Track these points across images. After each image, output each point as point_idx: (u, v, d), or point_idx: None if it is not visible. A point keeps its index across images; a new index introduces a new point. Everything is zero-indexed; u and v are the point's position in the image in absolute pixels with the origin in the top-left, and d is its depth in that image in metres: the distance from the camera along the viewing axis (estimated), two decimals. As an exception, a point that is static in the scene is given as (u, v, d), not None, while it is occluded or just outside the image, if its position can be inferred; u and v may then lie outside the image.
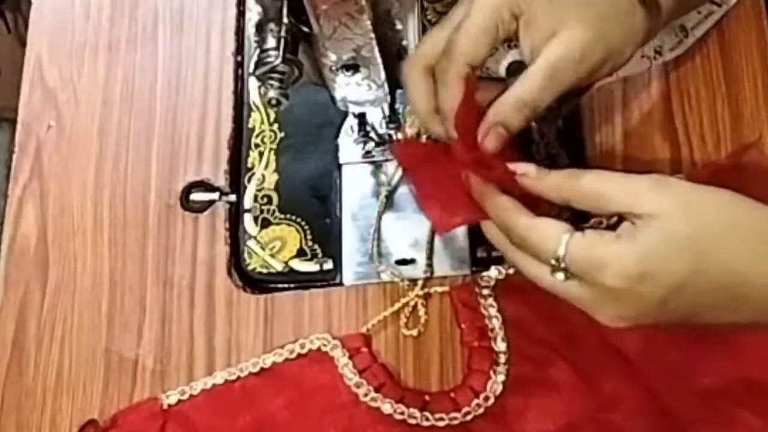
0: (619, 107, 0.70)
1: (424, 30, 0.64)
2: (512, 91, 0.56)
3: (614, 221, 0.53)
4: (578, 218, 0.55)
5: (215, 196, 0.72)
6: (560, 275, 0.52)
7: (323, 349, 0.66)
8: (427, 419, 0.63)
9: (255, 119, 0.75)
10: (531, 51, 0.56)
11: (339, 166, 0.72)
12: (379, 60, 0.57)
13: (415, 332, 0.67)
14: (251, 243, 0.71)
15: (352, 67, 0.58)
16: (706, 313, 0.51)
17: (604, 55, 0.55)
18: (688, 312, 0.51)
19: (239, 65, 0.77)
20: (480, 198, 0.56)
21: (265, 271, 0.71)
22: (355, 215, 0.71)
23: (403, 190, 0.71)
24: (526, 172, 0.55)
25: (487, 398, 0.63)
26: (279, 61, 0.52)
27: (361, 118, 0.70)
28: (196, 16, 0.78)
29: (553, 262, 0.51)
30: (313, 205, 0.72)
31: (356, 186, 0.72)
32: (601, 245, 0.50)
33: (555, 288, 0.53)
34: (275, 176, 0.73)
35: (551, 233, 0.52)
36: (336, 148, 0.72)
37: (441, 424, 0.63)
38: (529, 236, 0.53)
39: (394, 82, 0.61)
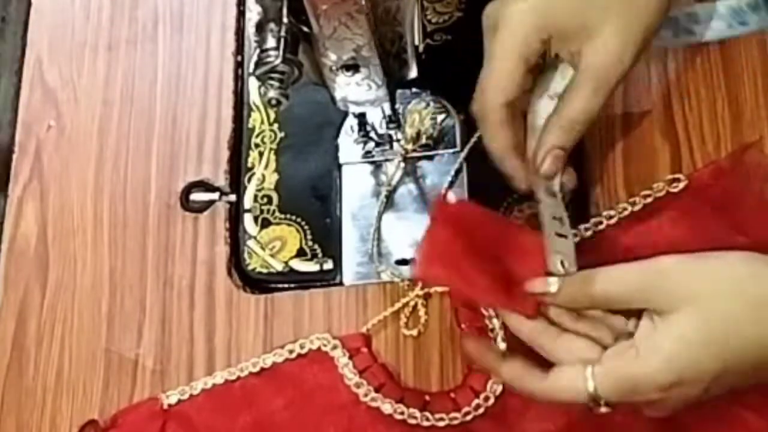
0: (619, 107, 0.70)
1: (424, 30, 0.64)
2: (563, 112, 0.57)
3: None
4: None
5: (215, 196, 0.72)
6: (604, 409, 0.52)
7: (323, 349, 0.66)
8: (427, 419, 0.63)
9: (255, 119, 0.75)
10: (572, 57, 0.57)
11: (339, 166, 0.72)
12: (379, 60, 0.57)
13: (415, 332, 0.67)
14: (251, 243, 0.71)
15: (352, 67, 0.58)
16: (753, 381, 0.52)
17: (639, 45, 0.56)
18: (734, 386, 0.52)
19: (239, 65, 0.77)
20: (487, 367, 0.57)
21: (265, 271, 0.71)
22: (355, 215, 0.71)
23: (403, 190, 0.71)
24: (542, 289, 0.55)
25: (487, 398, 0.63)
26: (279, 61, 0.53)
27: (361, 118, 0.70)
28: (196, 16, 0.78)
29: (590, 403, 0.52)
30: (313, 205, 0.72)
31: (356, 186, 0.71)
32: (625, 369, 0.51)
33: None
34: (275, 176, 0.73)
35: (573, 378, 0.52)
36: (336, 148, 0.72)
37: (441, 424, 0.63)
38: (554, 394, 0.53)
39: (394, 82, 0.61)
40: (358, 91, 0.61)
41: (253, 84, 0.75)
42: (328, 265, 0.70)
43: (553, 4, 0.56)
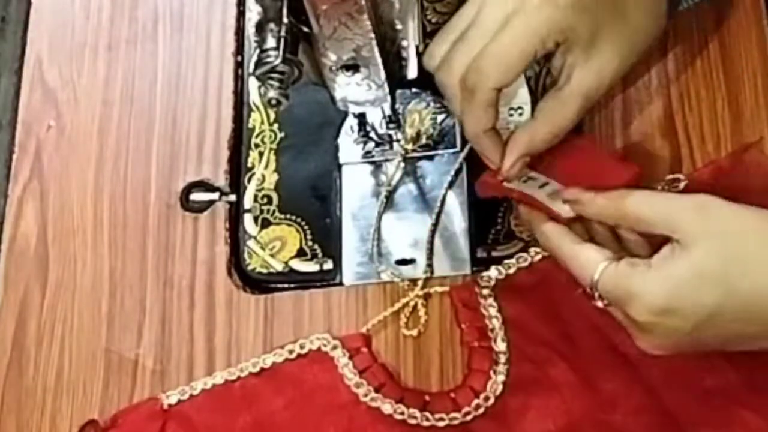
0: (619, 107, 0.70)
1: (424, 30, 0.64)
2: (545, 127, 0.57)
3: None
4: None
5: (215, 196, 0.72)
6: (599, 303, 0.54)
7: (323, 349, 0.66)
8: (427, 419, 0.63)
9: (255, 119, 0.75)
10: (564, 68, 0.57)
11: (339, 166, 0.72)
12: (379, 60, 0.57)
13: (415, 332, 0.67)
14: (251, 243, 0.71)
15: (352, 67, 0.58)
16: (738, 340, 0.52)
17: (628, 71, 0.58)
18: (720, 340, 0.52)
19: (239, 65, 0.77)
20: (529, 225, 0.59)
21: (265, 271, 0.71)
22: (355, 215, 0.71)
23: (403, 190, 0.71)
24: (576, 199, 0.56)
25: (487, 398, 0.63)
26: (279, 61, 0.53)
27: (361, 118, 0.70)
28: (196, 16, 0.78)
29: (589, 289, 0.53)
30: (313, 205, 0.72)
31: (356, 186, 0.71)
32: (630, 278, 0.51)
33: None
34: (275, 176, 0.73)
35: (591, 260, 0.54)
36: (336, 148, 0.72)
37: (441, 424, 0.63)
38: (570, 264, 0.55)
39: (394, 82, 0.61)
40: (358, 91, 0.61)
41: (253, 84, 0.75)
42: (328, 265, 0.70)
43: (578, 14, 0.55)
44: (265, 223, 0.72)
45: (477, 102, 0.57)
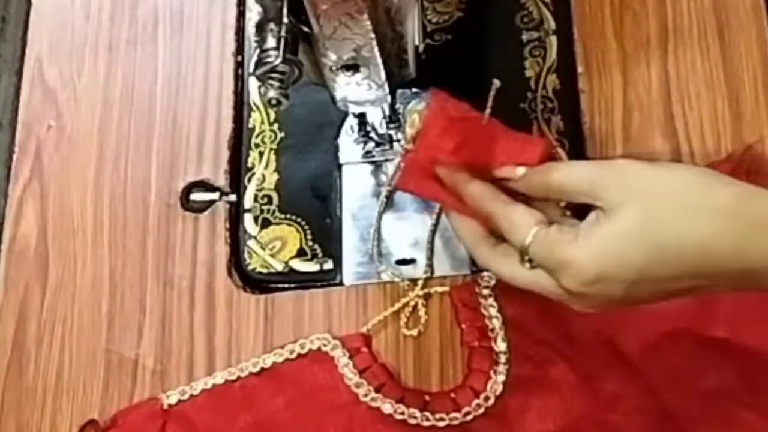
0: (619, 107, 0.70)
1: (424, 30, 0.64)
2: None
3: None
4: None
5: (215, 196, 0.72)
6: (527, 264, 0.54)
7: (323, 349, 0.66)
8: (428, 419, 0.63)
9: (255, 119, 0.75)
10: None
11: (339, 166, 0.72)
12: (379, 60, 0.57)
13: (415, 332, 0.67)
14: (251, 243, 0.71)
15: (352, 67, 0.58)
16: (674, 293, 0.51)
17: None
18: (654, 296, 0.52)
19: (239, 65, 0.77)
20: (454, 186, 0.57)
21: (265, 271, 0.71)
22: (355, 215, 0.71)
23: (403, 190, 0.71)
24: (508, 175, 0.56)
25: (487, 398, 0.63)
26: (279, 61, 0.52)
27: (361, 118, 0.70)
28: (196, 16, 0.78)
29: (519, 253, 0.54)
30: (313, 205, 0.72)
31: (356, 186, 0.71)
32: (560, 246, 0.52)
33: (527, 282, 0.55)
34: (275, 176, 0.73)
35: (523, 223, 0.54)
36: (336, 148, 0.72)
37: (441, 424, 0.63)
38: (502, 223, 0.55)
39: (394, 82, 0.61)
40: (358, 91, 0.61)
41: (253, 84, 0.75)
42: (328, 265, 0.70)
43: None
44: (265, 223, 0.72)
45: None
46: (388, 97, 0.63)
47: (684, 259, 0.49)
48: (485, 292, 0.66)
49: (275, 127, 0.74)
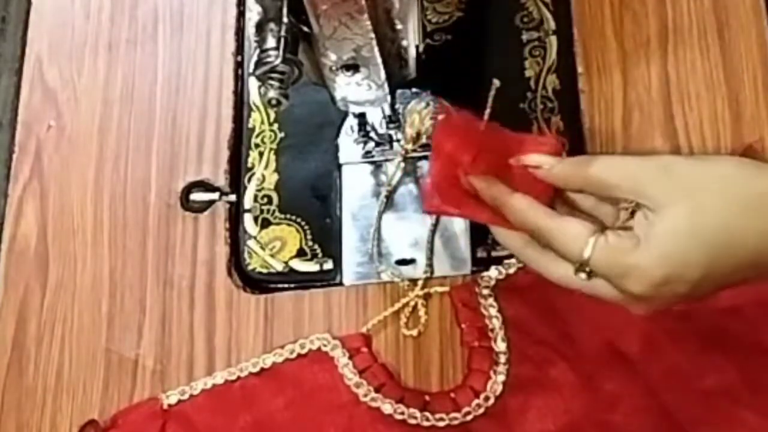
0: (619, 107, 0.70)
1: (424, 30, 0.64)
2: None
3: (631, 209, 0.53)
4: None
5: (215, 196, 0.72)
6: (583, 275, 0.52)
7: (323, 349, 0.66)
8: (428, 419, 0.63)
9: (255, 119, 0.75)
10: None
11: (339, 166, 0.72)
12: (379, 60, 0.57)
13: (415, 332, 0.67)
14: (251, 243, 0.71)
15: (352, 67, 0.58)
16: (733, 284, 0.51)
17: None
18: (716, 289, 0.51)
19: (239, 65, 0.77)
20: (492, 200, 0.55)
21: (265, 271, 0.71)
22: (355, 215, 0.71)
23: (403, 190, 0.71)
24: (538, 163, 0.55)
25: (487, 398, 0.63)
26: (279, 61, 0.52)
27: (361, 118, 0.70)
28: (196, 16, 0.78)
29: (576, 265, 0.52)
30: (313, 205, 0.72)
31: (356, 186, 0.71)
32: (623, 254, 0.51)
33: (581, 286, 0.53)
34: (275, 176, 0.73)
35: (577, 235, 0.52)
36: (336, 148, 0.72)
37: (441, 424, 0.63)
38: (554, 238, 0.53)
39: (394, 82, 0.61)
40: (358, 91, 0.61)
41: (253, 84, 0.75)
42: (328, 265, 0.70)
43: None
44: (265, 223, 0.72)
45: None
46: (388, 97, 0.63)
47: (742, 252, 0.49)
48: (485, 292, 0.66)
49: (275, 127, 0.74)
